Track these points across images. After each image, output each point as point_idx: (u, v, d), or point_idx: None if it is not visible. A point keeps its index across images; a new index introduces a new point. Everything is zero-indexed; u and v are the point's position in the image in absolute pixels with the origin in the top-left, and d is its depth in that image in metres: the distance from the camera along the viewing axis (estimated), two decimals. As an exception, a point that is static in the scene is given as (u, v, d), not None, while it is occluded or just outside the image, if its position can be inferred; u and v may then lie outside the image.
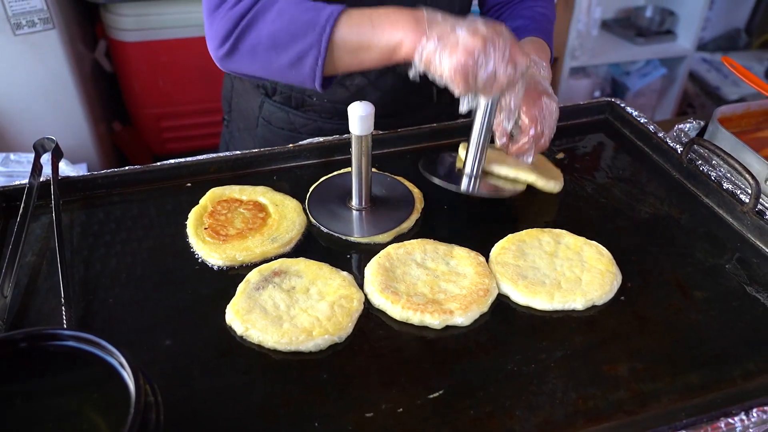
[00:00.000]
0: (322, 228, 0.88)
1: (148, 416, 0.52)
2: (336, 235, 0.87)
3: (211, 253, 0.83)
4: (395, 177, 0.98)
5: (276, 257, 0.83)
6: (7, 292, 0.76)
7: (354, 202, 0.91)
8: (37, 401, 0.54)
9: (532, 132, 0.87)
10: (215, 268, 0.82)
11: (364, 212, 0.90)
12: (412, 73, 0.77)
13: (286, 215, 0.89)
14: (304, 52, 0.79)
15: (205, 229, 0.86)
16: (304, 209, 0.92)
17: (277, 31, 0.80)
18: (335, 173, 0.98)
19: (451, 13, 0.82)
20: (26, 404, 0.53)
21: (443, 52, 0.73)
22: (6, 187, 0.93)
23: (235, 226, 0.87)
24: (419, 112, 1.15)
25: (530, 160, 0.90)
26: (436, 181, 0.88)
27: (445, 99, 1.15)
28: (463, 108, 0.80)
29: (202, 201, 0.91)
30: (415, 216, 0.91)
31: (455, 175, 0.91)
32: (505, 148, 0.90)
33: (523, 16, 1.08)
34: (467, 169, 0.88)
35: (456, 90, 0.75)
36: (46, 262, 0.83)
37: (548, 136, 0.90)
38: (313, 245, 0.87)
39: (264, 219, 0.89)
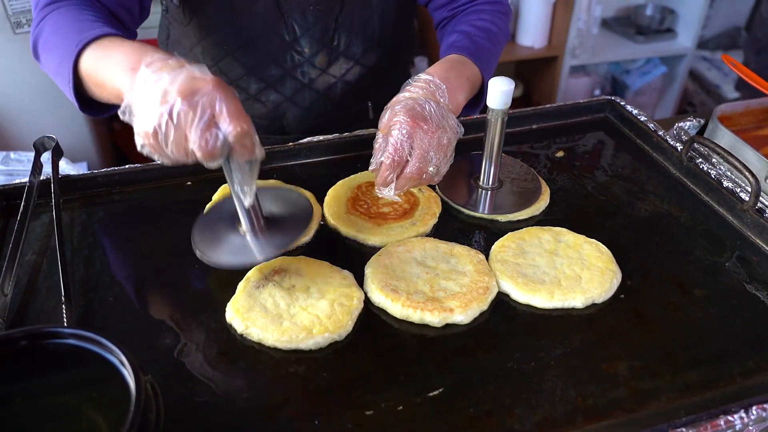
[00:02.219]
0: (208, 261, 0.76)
1: (148, 415, 0.52)
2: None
3: None
4: (294, 189, 0.89)
5: (296, 248, 0.85)
6: (8, 290, 0.76)
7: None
8: (37, 400, 0.54)
9: (388, 161, 0.78)
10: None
11: (259, 233, 0.76)
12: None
13: None
14: (60, 70, 0.77)
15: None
16: (318, 200, 0.92)
17: (50, 48, 0.80)
18: (214, 202, 0.90)
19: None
20: (26, 403, 0.53)
21: (135, 117, 0.65)
22: (6, 186, 0.93)
23: None
24: (355, 129, 1.09)
25: (391, 192, 0.81)
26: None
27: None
28: (209, 167, 0.66)
29: (216, 197, 0.91)
30: (313, 227, 0.86)
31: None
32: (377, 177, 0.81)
33: (458, 30, 1.00)
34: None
35: (164, 162, 0.66)
36: (47, 260, 0.84)
37: (416, 166, 0.79)
38: (320, 240, 0.87)
39: None
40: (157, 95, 0.62)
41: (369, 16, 1.05)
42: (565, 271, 0.80)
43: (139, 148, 0.65)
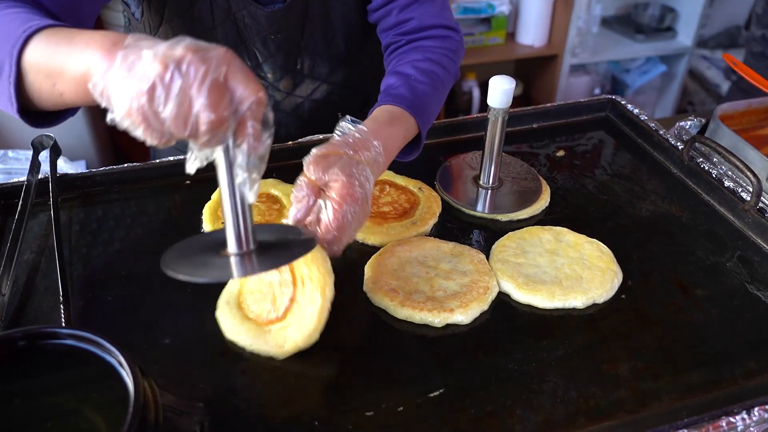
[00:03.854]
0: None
1: (146, 415, 0.52)
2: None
3: None
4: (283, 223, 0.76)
5: None
6: (5, 290, 0.75)
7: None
8: (35, 400, 0.53)
9: (328, 236, 0.69)
10: None
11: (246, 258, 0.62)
12: (108, 117, 0.53)
13: None
14: (1, 68, 0.62)
15: (222, 223, 0.86)
16: None
17: None
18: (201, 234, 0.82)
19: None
20: (24, 403, 0.53)
21: (120, 82, 0.51)
22: (4, 185, 0.93)
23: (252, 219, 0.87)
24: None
25: (339, 252, 0.72)
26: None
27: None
28: (190, 167, 0.56)
29: (215, 196, 0.91)
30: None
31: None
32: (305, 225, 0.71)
33: (399, 72, 0.90)
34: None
35: (143, 138, 0.53)
36: (45, 260, 0.83)
37: (343, 243, 0.71)
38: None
39: (279, 210, 0.89)
40: (155, 53, 0.50)
41: (332, 36, 1.02)
42: (565, 271, 0.80)
43: (118, 118, 0.52)
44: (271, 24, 0.96)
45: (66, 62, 0.59)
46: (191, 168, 0.56)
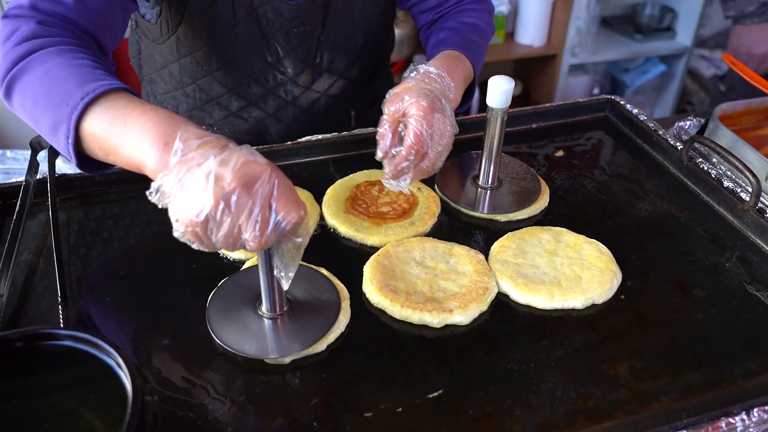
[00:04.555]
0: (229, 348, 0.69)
1: (145, 416, 0.52)
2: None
3: None
4: (315, 268, 0.79)
5: None
6: (4, 290, 0.75)
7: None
8: (33, 401, 0.53)
9: (408, 151, 0.76)
10: (236, 262, 0.82)
11: (279, 321, 0.72)
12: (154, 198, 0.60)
13: None
14: (58, 125, 0.67)
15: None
16: (317, 200, 0.92)
17: (38, 95, 0.69)
18: (242, 270, 0.80)
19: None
20: (23, 404, 0.53)
21: (176, 198, 0.57)
22: (2, 185, 0.92)
23: None
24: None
25: (406, 184, 0.80)
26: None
27: (366, 123, 1.13)
28: (233, 255, 0.65)
29: None
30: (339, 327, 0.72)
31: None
32: (388, 166, 0.79)
33: (447, 27, 1.00)
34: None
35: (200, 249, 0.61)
36: (43, 260, 0.83)
37: (432, 158, 0.78)
38: (318, 240, 0.87)
39: None
40: (207, 179, 0.55)
41: (352, 31, 1.04)
42: (565, 272, 0.80)
43: (176, 234, 0.59)
44: (294, 17, 0.97)
45: (120, 146, 0.64)
46: (234, 256, 0.68)
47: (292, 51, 1.01)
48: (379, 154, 0.80)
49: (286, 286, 0.65)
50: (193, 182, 0.56)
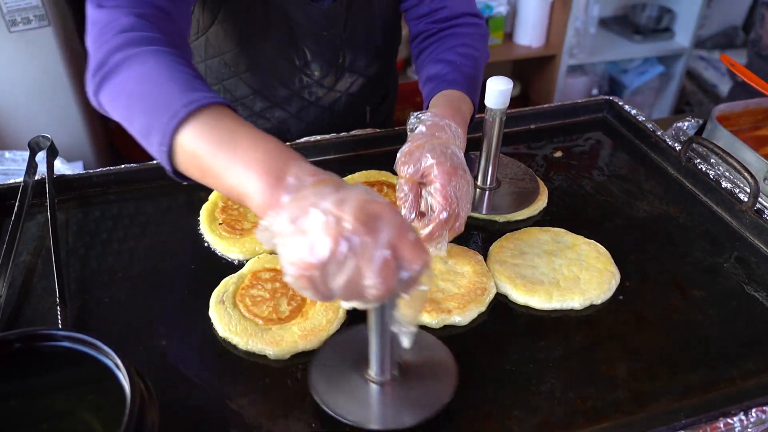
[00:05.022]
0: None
1: (143, 417, 0.51)
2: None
3: (230, 247, 0.83)
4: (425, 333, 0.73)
5: None
6: (2, 291, 0.75)
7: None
8: (31, 402, 0.53)
9: (444, 215, 0.72)
10: (235, 262, 0.82)
11: (387, 387, 0.65)
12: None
13: None
14: (152, 132, 0.62)
15: (220, 224, 0.86)
16: None
17: (135, 96, 0.65)
18: (348, 331, 0.73)
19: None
20: (21, 405, 0.53)
21: (289, 240, 0.51)
22: (1, 186, 0.92)
23: (250, 220, 0.87)
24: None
25: (444, 248, 0.76)
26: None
27: (379, 117, 1.14)
28: (345, 305, 0.55)
29: (212, 197, 0.91)
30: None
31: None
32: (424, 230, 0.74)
33: (445, 60, 0.94)
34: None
35: (311, 298, 0.55)
36: (42, 261, 0.83)
37: (463, 218, 0.75)
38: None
39: None
40: (326, 219, 0.50)
41: (371, 29, 1.05)
42: (563, 272, 0.80)
43: (288, 279, 0.52)
44: (324, 21, 0.98)
45: (224, 172, 0.58)
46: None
47: (321, 54, 1.02)
48: (412, 221, 0.76)
49: (407, 344, 0.57)
50: (310, 222, 0.50)
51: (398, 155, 0.77)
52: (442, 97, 0.87)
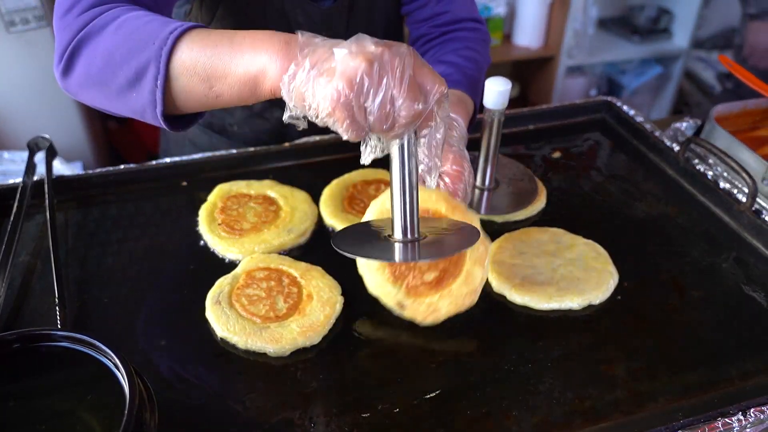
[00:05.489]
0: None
1: (142, 417, 0.51)
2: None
3: (229, 248, 0.83)
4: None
5: (293, 248, 0.85)
6: (1, 291, 0.75)
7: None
8: (30, 402, 0.53)
9: (466, 175, 0.71)
10: (235, 262, 0.82)
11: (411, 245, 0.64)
12: (286, 115, 0.58)
13: (297, 206, 0.90)
14: (142, 70, 0.61)
15: (219, 225, 0.86)
16: (314, 200, 0.92)
17: (113, 47, 0.63)
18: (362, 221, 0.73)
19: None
20: (20, 405, 0.53)
21: (317, 80, 0.54)
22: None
23: (249, 220, 0.88)
24: None
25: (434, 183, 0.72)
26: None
27: None
28: (366, 158, 0.59)
29: (211, 198, 0.91)
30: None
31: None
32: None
33: (447, 61, 0.95)
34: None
35: (344, 133, 0.55)
36: (41, 261, 0.83)
37: (468, 182, 0.73)
38: (316, 240, 0.87)
39: (276, 212, 0.89)
40: (348, 51, 0.53)
41: (373, 32, 1.03)
42: (562, 273, 0.80)
43: (320, 119, 0.55)
44: (324, 21, 0.97)
45: (231, 64, 0.59)
46: (367, 159, 0.59)
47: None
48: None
49: (433, 183, 0.60)
50: (336, 57, 0.53)
51: None
52: (452, 98, 0.88)
